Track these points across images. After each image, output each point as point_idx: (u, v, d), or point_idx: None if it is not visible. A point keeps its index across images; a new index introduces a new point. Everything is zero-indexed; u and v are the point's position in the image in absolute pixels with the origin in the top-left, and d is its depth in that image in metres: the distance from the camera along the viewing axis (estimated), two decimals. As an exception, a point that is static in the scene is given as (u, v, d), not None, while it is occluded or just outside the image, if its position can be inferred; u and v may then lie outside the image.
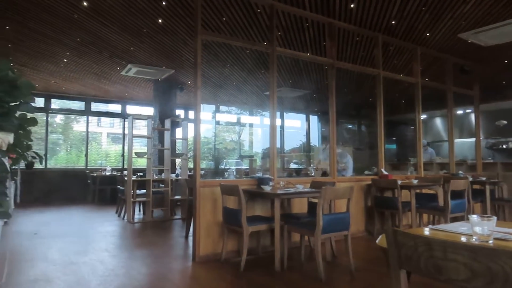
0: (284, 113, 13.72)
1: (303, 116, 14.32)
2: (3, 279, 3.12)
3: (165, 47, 6.82)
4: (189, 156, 7.59)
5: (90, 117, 11.38)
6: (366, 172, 6.60)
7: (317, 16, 5.43)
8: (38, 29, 5.95)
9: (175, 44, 6.66)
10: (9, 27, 5.88)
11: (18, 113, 3.13)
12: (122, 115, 11.77)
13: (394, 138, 13.63)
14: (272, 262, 3.84)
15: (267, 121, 14.05)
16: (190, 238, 5.24)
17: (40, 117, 10.40)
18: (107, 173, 9.91)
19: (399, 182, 5.21)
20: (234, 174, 5.63)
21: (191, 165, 9.43)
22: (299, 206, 4.79)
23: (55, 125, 12.99)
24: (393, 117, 11.13)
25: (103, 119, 14.95)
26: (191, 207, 5.32)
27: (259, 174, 7.49)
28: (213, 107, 12.58)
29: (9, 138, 2.99)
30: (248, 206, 4.18)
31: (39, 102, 10.44)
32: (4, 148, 2.99)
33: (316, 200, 4.08)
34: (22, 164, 8.69)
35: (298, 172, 8.98)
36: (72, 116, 13.07)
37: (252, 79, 8.97)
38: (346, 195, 3.63)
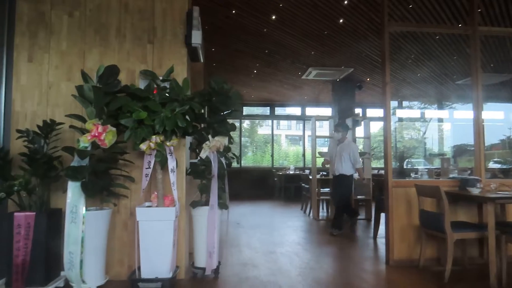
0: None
1: (508, 105, 11.89)
2: (222, 259, 3.71)
3: (345, 46, 6.83)
4: (372, 155, 7.35)
5: (268, 121, 12.51)
6: None
7: (534, -20, 4.40)
8: (235, 47, 6.90)
9: (355, 42, 6.58)
10: (214, 49, 7.01)
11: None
12: (302, 118, 12.42)
13: None
14: (484, 277, 3.29)
15: (457, 114, 12.30)
16: (379, 240, 5.06)
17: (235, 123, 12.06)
18: (291, 172, 10.64)
19: None
20: (425, 174, 5.13)
21: (373, 165, 9.14)
22: (517, 214, 3.97)
23: (243, 130, 14.82)
24: None
25: (282, 122, 16.12)
26: (379, 207, 5.14)
27: (453, 175, 6.61)
28: (394, 103, 11.85)
29: (225, 141, 3.54)
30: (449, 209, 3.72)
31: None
32: (221, 150, 3.56)
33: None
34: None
35: (505, 172, 7.51)
36: (256, 121, 14.59)
37: (440, 68, 8.01)
38: None
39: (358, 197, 7.27)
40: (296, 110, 12.78)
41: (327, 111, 11.82)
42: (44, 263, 2.87)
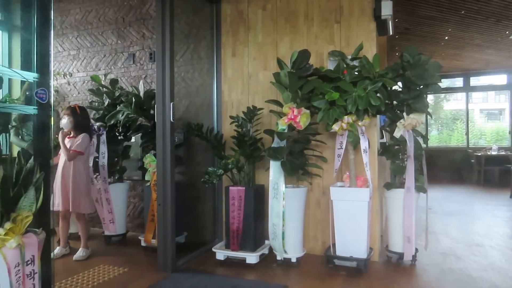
0: None
1: None
2: (427, 247, 3.45)
3: None
4: None
5: (457, 94, 10.81)
6: None
7: None
8: (423, 14, 6.18)
9: None
10: (397, 19, 6.45)
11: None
12: (509, 87, 10.24)
13: None
14: None
15: None
16: None
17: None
18: (493, 153, 9.00)
19: None
20: None
21: None
22: None
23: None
24: None
25: (474, 94, 13.80)
26: None
27: None
28: None
29: (422, 118, 3.22)
30: None
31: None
32: (418, 128, 3.26)
33: None
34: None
35: None
36: (442, 95, 12.83)
37: None
38: None
39: None
40: (497, 79, 10.62)
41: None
42: (253, 232, 3.29)
